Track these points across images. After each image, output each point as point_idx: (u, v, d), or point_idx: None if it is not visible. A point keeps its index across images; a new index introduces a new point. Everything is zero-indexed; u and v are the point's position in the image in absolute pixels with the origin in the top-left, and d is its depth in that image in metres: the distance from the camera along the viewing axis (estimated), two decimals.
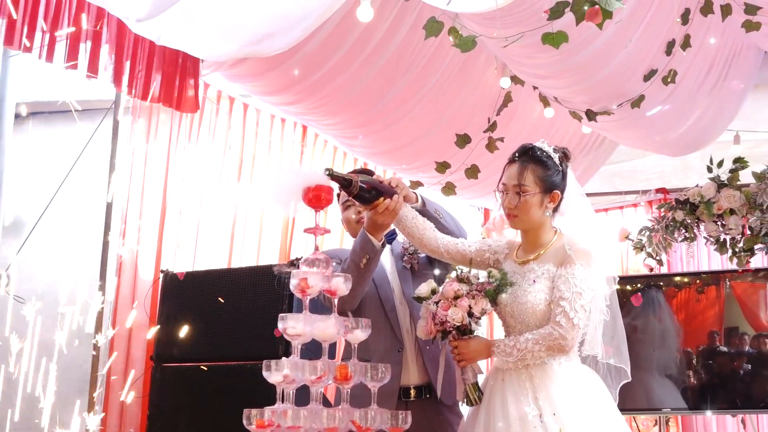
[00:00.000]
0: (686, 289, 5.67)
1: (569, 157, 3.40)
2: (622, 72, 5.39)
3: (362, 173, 3.44)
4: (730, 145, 6.50)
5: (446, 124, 5.69)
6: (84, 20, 4.05)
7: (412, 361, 3.65)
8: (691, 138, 6.44)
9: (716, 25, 5.46)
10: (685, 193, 5.83)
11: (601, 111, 5.72)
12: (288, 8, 3.74)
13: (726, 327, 5.51)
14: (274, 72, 4.80)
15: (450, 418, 3.65)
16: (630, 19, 4.83)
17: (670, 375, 5.51)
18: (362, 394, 3.04)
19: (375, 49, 4.94)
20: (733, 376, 5.40)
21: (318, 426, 2.87)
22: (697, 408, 5.51)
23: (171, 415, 4.38)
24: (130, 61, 4.31)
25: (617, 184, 7.38)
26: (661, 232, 5.89)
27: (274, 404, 2.88)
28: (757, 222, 5.51)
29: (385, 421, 2.95)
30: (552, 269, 3.24)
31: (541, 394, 3.11)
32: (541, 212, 3.30)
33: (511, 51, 4.85)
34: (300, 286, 2.96)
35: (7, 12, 3.82)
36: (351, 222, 3.81)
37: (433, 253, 3.50)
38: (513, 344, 3.16)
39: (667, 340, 5.57)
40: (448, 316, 3.22)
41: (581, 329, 3.18)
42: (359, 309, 3.57)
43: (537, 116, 5.96)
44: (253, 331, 4.24)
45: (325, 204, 3.05)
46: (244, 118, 5.59)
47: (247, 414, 2.84)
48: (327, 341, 3.00)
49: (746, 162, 5.64)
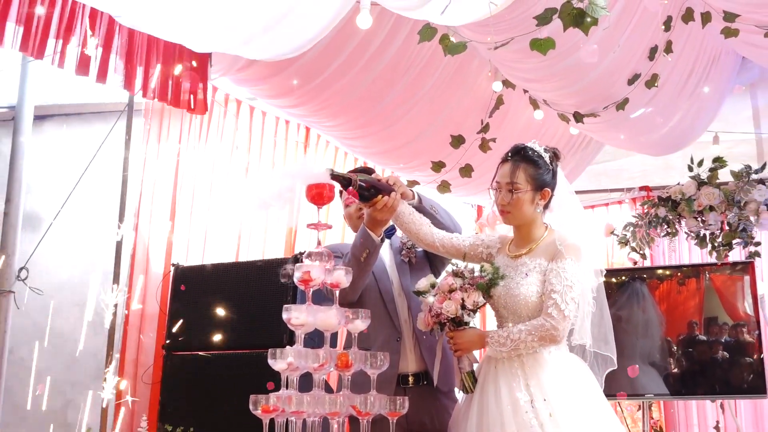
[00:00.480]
0: (668, 281, 5.67)
1: (559, 157, 3.41)
2: (608, 76, 5.38)
3: (362, 172, 3.44)
4: (710, 146, 6.49)
5: (441, 126, 5.69)
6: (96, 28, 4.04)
7: (410, 350, 3.65)
8: (672, 139, 6.44)
9: (697, 32, 5.46)
10: (667, 191, 5.82)
11: (587, 113, 5.71)
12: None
13: (706, 317, 5.52)
14: (278, 77, 4.80)
15: (446, 404, 3.65)
16: (615, 26, 4.82)
17: (653, 362, 5.51)
18: (362, 381, 3.05)
19: (373, 55, 4.94)
20: (713, 363, 5.41)
21: (320, 411, 2.87)
22: (678, 394, 5.53)
23: (181, 400, 4.39)
24: (143, 67, 4.30)
25: (603, 182, 7.37)
26: (644, 228, 5.89)
27: (279, 390, 2.88)
28: (735, 218, 5.51)
29: (384, 406, 2.96)
30: (543, 263, 3.24)
31: (533, 381, 3.13)
32: (532, 209, 3.31)
33: (502, 56, 4.85)
34: (303, 278, 2.96)
35: (23, 19, 3.81)
36: (352, 217, 3.84)
37: (430, 247, 3.50)
38: (506, 335, 3.17)
39: (650, 330, 5.57)
40: (443, 309, 3.24)
41: (571, 320, 3.19)
42: (360, 300, 3.57)
43: (527, 118, 5.96)
44: (259, 322, 4.24)
45: (326, 201, 3.06)
46: (250, 120, 5.59)
47: (254, 399, 2.85)
48: (329, 331, 3.01)
49: (725, 161, 5.64)
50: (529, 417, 3.04)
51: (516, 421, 3.05)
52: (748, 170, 5.56)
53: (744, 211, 5.51)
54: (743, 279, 5.44)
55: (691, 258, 6.69)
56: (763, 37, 5.24)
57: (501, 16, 4.03)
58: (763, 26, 5.21)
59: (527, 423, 3.03)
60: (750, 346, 5.34)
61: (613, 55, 5.16)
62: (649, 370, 5.49)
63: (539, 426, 3.02)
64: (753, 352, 5.32)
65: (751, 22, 5.24)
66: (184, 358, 4.47)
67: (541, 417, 3.03)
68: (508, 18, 4.23)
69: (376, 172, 3.69)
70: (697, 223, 5.70)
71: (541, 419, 3.03)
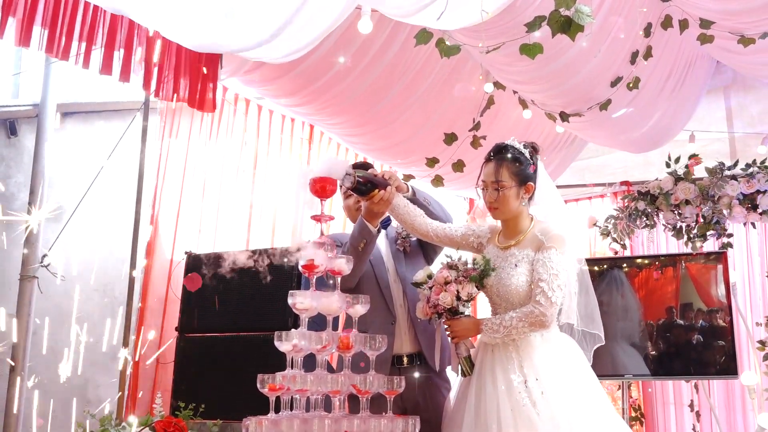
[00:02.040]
0: (647, 269, 5.68)
1: (538, 151, 3.42)
2: (592, 79, 5.39)
3: (360, 167, 3.45)
4: (686, 144, 6.50)
5: (436, 125, 5.70)
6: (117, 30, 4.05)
7: (404, 333, 3.66)
8: (651, 137, 6.45)
9: (675, 38, 5.47)
10: (646, 186, 5.84)
11: (573, 113, 5.73)
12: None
13: (681, 303, 5.53)
14: (284, 78, 4.80)
15: (438, 383, 3.67)
16: (598, 32, 4.83)
17: (632, 345, 5.53)
18: (361, 362, 3.06)
19: (373, 59, 4.94)
20: (688, 346, 5.43)
21: (323, 389, 2.88)
22: (655, 374, 5.54)
23: (194, 379, 4.39)
24: (157, 68, 4.30)
25: (587, 177, 7.38)
26: (624, 220, 5.91)
27: (284, 370, 2.89)
28: (709, 211, 5.53)
29: (381, 385, 2.97)
30: (531, 254, 3.26)
31: (526, 362, 3.15)
32: (518, 203, 3.32)
33: (493, 59, 4.85)
34: (308, 265, 2.97)
35: (48, 22, 3.81)
36: (351, 209, 3.84)
37: (424, 236, 3.51)
38: (499, 322, 3.18)
39: (630, 314, 5.59)
40: (440, 300, 3.25)
41: (558, 306, 3.20)
42: (358, 287, 3.58)
43: (516, 117, 5.96)
44: (266, 306, 4.25)
45: (329, 194, 3.07)
46: (258, 118, 5.59)
47: (261, 378, 2.85)
48: (331, 315, 3.02)
49: (700, 158, 5.65)
50: (522, 396, 3.06)
51: (510, 401, 3.07)
52: (722, 167, 5.58)
53: (718, 204, 5.53)
54: (717, 268, 5.45)
55: (668, 248, 6.70)
56: (736, 43, 5.25)
57: (492, 22, 4.04)
58: (736, 33, 5.23)
59: (520, 402, 3.05)
60: (723, 330, 5.35)
61: (597, 60, 5.18)
62: (629, 352, 5.51)
63: (532, 404, 3.04)
64: (725, 336, 5.34)
65: (726, 29, 5.26)
66: (196, 339, 4.49)
67: (534, 396, 3.06)
68: (499, 24, 4.24)
69: (374, 167, 3.70)
70: (674, 216, 5.72)
71: (533, 398, 3.05)
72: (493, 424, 3.04)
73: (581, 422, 3.02)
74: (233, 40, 3.61)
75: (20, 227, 4.26)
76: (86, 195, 4.56)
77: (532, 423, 2.99)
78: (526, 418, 3.01)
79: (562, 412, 3.02)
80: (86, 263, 4.82)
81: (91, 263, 4.87)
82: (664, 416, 6.68)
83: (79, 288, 4.40)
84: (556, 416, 3.01)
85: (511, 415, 3.03)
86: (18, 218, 4.23)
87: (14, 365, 4.11)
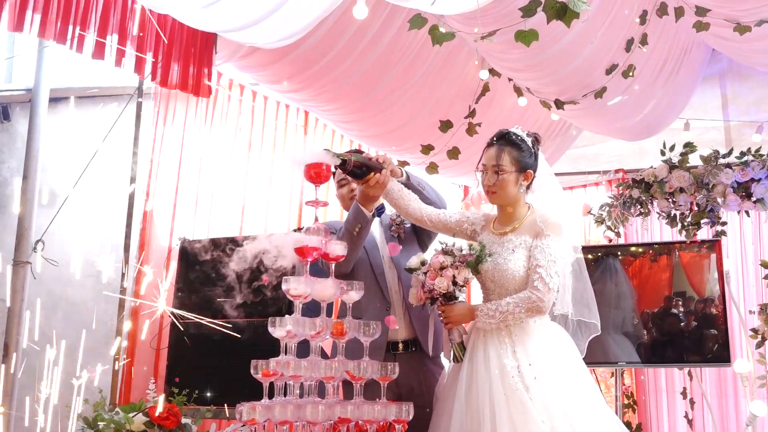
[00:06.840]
0: (641, 257, 5.68)
1: (540, 141, 3.43)
2: (587, 66, 5.38)
3: (354, 153, 3.44)
4: (681, 132, 6.49)
5: (431, 112, 5.69)
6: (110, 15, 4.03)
7: (399, 319, 3.64)
8: (646, 125, 6.45)
9: (670, 25, 5.46)
10: (640, 174, 5.82)
11: (568, 101, 5.72)
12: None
13: (675, 291, 5.53)
14: (278, 63, 4.78)
15: (432, 369, 3.66)
16: (594, 19, 4.82)
17: (626, 333, 5.53)
18: (355, 348, 3.05)
19: (368, 45, 4.92)
20: (681, 334, 5.43)
21: (317, 375, 2.89)
22: (648, 362, 5.55)
23: (188, 365, 4.39)
24: (152, 52, 4.28)
25: (581, 165, 7.37)
26: (619, 208, 5.90)
27: (278, 356, 2.89)
28: (704, 200, 5.52)
29: (375, 371, 2.97)
30: (528, 240, 3.26)
31: (519, 348, 3.16)
32: (516, 189, 3.32)
33: (488, 46, 4.84)
34: (302, 251, 2.96)
35: (41, 8, 3.79)
36: (345, 198, 3.83)
37: (418, 221, 3.51)
38: (495, 308, 3.18)
39: (623, 302, 5.59)
40: (435, 285, 3.25)
41: (555, 292, 3.21)
42: (352, 273, 3.57)
43: (511, 104, 5.95)
44: (260, 292, 4.24)
45: (323, 180, 3.08)
46: (252, 104, 5.56)
47: (255, 364, 2.85)
48: (325, 301, 3.02)
49: (695, 146, 5.63)
50: (515, 381, 3.07)
51: (503, 385, 3.07)
52: (717, 155, 5.57)
53: (712, 193, 5.52)
54: (710, 256, 5.45)
55: (662, 236, 6.70)
56: (732, 31, 5.24)
57: (488, 8, 4.03)
58: (732, 20, 5.21)
59: (513, 386, 3.05)
60: (716, 318, 5.36)
61: (592, 47, 5.16)
62: (622, 340, 5.51)
63: (525, 389, 3.05)
64: (718, 324, 5.34)
65: (721, 17, 5.25)
66: (189, 324, 4.48)
67: (527, 380, 3.07)
68: (495, 10, 4.22)
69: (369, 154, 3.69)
70: (668, 204, 5.71)
71: (526, 383, 3.06)
72: (485, 409, 3.05)
73: (573, 408, 3.04)
74: (226, 21, 3.60)
75: (14, 213, 4.24)
76: (80, 180, 4.54)
77: (525, 407, 3.00)
78: (519, 402, 3.02)
79: (554, 398, 3.03)
80: (80, 248, 4.80)
81: (85, 249, 4.85)
82: (657, 403, 6.69)
83: (72, 274, 4.39)
84: (548, 401, 3.02)
85: (504, 399, 3.04)
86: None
87: (6, 351, 4.10)
